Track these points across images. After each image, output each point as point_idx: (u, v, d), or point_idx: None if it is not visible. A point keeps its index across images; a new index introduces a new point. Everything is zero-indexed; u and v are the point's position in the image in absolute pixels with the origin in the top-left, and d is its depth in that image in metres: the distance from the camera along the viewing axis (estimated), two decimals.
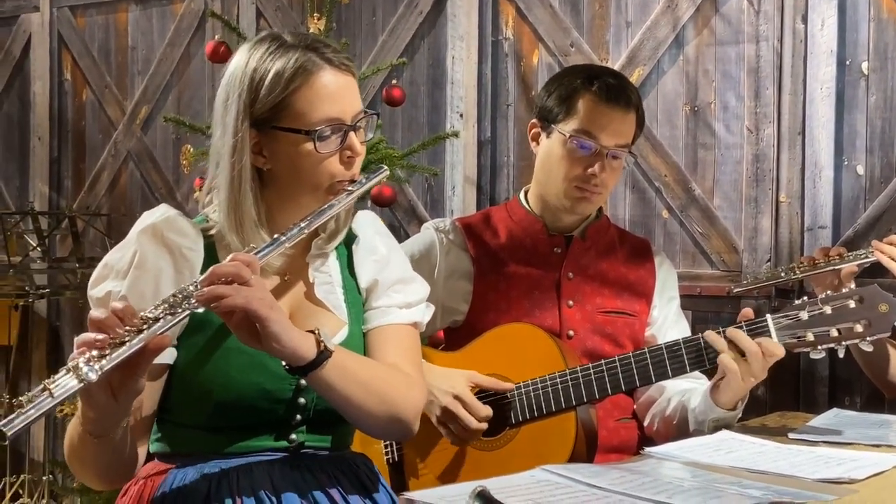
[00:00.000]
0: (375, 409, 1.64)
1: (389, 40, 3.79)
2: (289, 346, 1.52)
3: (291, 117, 1.65)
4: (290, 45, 1.67)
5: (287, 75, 1.64)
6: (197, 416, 1.67)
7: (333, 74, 1.66)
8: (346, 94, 1.68)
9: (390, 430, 1.73)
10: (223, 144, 1.67)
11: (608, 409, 2.27)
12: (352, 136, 1.68)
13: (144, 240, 1.66)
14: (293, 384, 1.66)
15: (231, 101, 1.67)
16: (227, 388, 1.63)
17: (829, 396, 3.00)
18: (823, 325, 1.93)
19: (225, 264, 1.50)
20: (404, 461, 2.21)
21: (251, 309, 1.47)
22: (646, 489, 1.50)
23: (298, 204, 1.70)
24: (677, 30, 3.26)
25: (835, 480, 1.60)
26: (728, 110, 3.19)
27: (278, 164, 1.68)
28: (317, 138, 1.64)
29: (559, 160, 2.28)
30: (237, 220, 1.66)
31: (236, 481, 1.63)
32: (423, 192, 3.77)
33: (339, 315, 1.74)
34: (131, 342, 1.39)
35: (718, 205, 3.22)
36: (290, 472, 1.67)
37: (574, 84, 2.28)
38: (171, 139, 4.37)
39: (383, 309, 1.78)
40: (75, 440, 1.55)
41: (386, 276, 1.80)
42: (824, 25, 3.02)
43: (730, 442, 1.90)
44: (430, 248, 2.39)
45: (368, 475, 1.77)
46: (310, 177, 1.67)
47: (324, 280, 1.75)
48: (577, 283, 2.33)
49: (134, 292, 1.62)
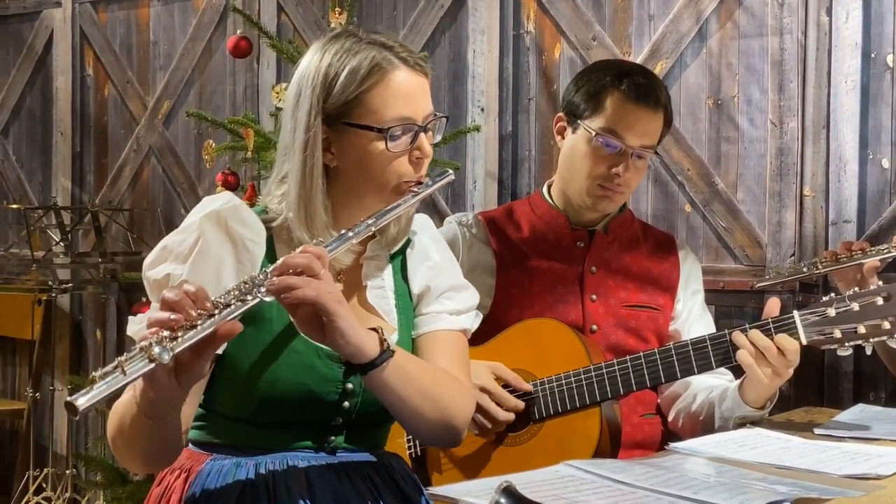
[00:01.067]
0: (429, 414, 1.63)
1: (410, 35, 3.78)
2: (353, 343, 1.51)
3: (364, 114, 1.64)
4: (365, 43, 1.67)
5: (363, 72, 1.63)
6: (239, 409, 1.66)
7: (408, 74, 1.67)
8: (420, 95, 1.69)
9: (441, 435, 1.71)
10: (294, 140, 1.67)
11: (632, 404, 2.26)
12: (422, 137, 1.68)
13: (208, 226, 1.64)
14: (339, 388, 1.65)
15: (304, 97, 1.66)
16: (273, 386, 1.63)
17: (853, 392, 2.98)
18: (850, 322, 1.92)
19: (297, 255, 1.49)
20: (427, 455, 2.21)
21: (320, 302, 1.47)
22: (671, 485, 1.49)
23: (362, 203, 1.69)
24: (700, 23, 3.24)
25: (861, 476, 1.59)
26: (752, 104, 3.17)
27: (346, 161, 1.67)
28: (388, 137, 1.64)
29: (583, 157, 2.26)
30: (307, 216, 1.66)
31: (272, 481, 1.62)
32: (444, 186, 3.75)
33: (389, 321, 1.73)
34: (203, 325, 1.39)
35: (742, 199, 3.20)
36: (327, 476, 1.66)
37: (603, 81, 2.26)
38: (193, 134, 4.38)
39: (434, 315, 1.77)
40: (126, 420, 1.53)
41: (438, 283, 1.78)
42: (849, 18, 2.99)
43: (755, 437, 1.89)
44: (453, 242, 2.38)
45: (404, 477, 1.75)
46: (378, 175, 1.66)
47: (376, 284, 1.75)
48: (600, 278, 2.32)
49: (195, 277, 1.60)
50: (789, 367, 1.93)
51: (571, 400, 2.11)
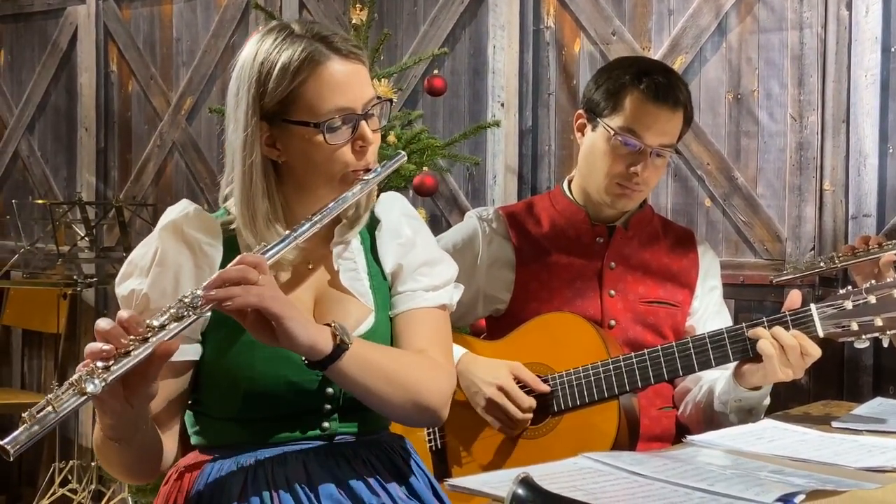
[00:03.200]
0: (399, 399, 1.64)
1: (431, 30, 3.81)
2: (305, 342, 1.52)
3: (301, 110, 1.63)
4: (296, 36, 1.64)
5: (293, 67, 1.62)
6: (228, 409, 1.68)
7: (341, 63, 1.64)
8: (355, 83, 1.66)
9: (416, 418, 1.72)
10: (235, 139, 1.67)
11: (650, 397, 2.28)
12: (363, 125, 1.66)
13: (165, 236, 1.67)
14: (319, 375, 1.65)
15: (241, 95, 1.66)
16: (254, 381, 1.64)
17: (872, 385, 2.98)
18: (868, 315, 1.93)
19: (231, 268, 1.50)
20: (447, 448, 2.24)
21: (264, 307, 1.48)
22: (688, 477, 1.51)
23: (316, 195, 1.69)
24: (720, 17, 3.24)
25: (878, 469, 1.60)
26: (771, 98, 3.17)
27: (292, 156, 1.67)
28: (326, 130, 1.63)
29: (602, 155, 2.27)
30: (250, 216, 1.66)
31: (271, 473, 1.64)
32: (464, 181, 3.79)
33: (365, 302, 1.73)
34: (136, 352, 1.40)
35: (761, 193, 3.20)
36: (325, 462, 1.67)
37: (623, 79, 2.27)
38: (216, 130, 4.42)
39: (409, 293, 1.76)
40: (99, 442, 1.57)
41: (411, 259, 1.78)
42: (869, 12, 2.99)
43: (772, 430, 1.90)
44: (473, 236, 2.41)
45: (402, 456, 1.76)
46: (324, 168, 1.66)
47: (348, 267, 1.75)
48: (619, 273, 2.34)
49: (155, 290, 1.63)
50: (804, 367, 1.95)
51: (590, 393, 2.13)
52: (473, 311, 2.39)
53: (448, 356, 1.78)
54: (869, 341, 1.94)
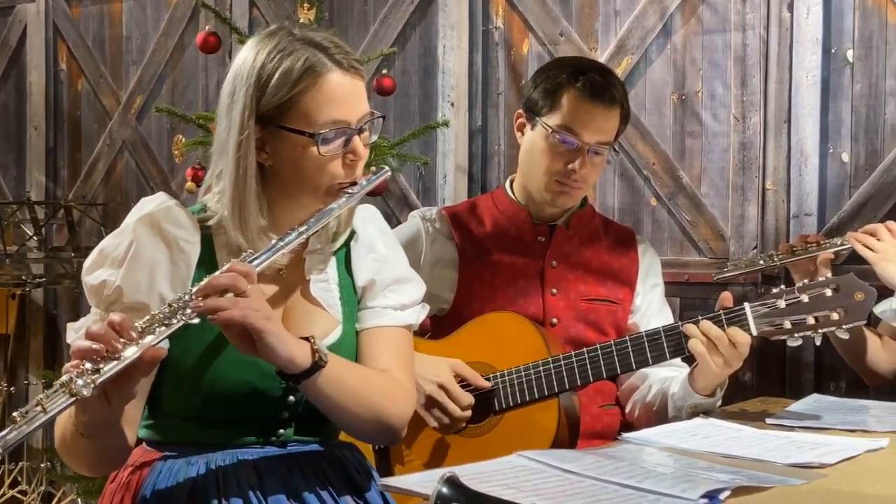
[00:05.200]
0: (364, 417, 1.66)
1: (381, 30, 3.81)
2: (284, 356, 1.54)
3: (297, 117, 1.64)
4: (300, 43, 1.65)
5: (295, 75, 1.63)
6: (186, 408, 1.68)
7: (342, 76, 1.66)
8: (353, 98, 1.67)
9: (378, 437, 1.76)
10: (228, 139, 1.66)
11: (591, 395, 2.31)
12: (356, 140, 1.68)
13: (141, 229, 1.66)
14: (283, 384, 1.66)
15: (238, 96, 1.65)
16: (217, 383, 1.65)
17: (814, 382, 3.03)
18: (800, 314, 1.96)
19: (222, 275, 1.51)
20: (390, 448, 2.24)
21: (247, 322, 1.50)
22: (618, 474, 1.53)
23: (299, 201, 1.70)
24: (665, 19, 3.28)
25: (805, 465, 1.63)
26: (715, 99, 3.21)
27: (281, 162, 1.67)
28: (320, 141, 1.63)
29: (541, 153, 2.30)
30: (242, 219, 1.66)
31: (223, 477, 1.64)
32: (414, 180, 3.80)
33: (334, 314, 1.75)
34: (126, 354, 1.42)
35: (706, 192, 3.24)
36: (277, 469, 1.68)
37: (560, 78, 2.30)
38: (166, 129, 4.39)
39: (378, 310, 1.78)
40: (66, 436, 1.57)
41: (383, 275, 1.79)
42: (810, 14, 3.03)
43: (707, 427, 1.93)
44: (416, 236, 2.42)
45: (358, 469, 1.77)
46: (311, 178, 1.67)
47: (320, 278, 1.76)
48: (560, 272, 2.36)
49: (129, 283, 1.63)
50: (740, 358, 1.98)
51: (530, 391, 2.15)
52: None
53: (410, 377, 1.79)
54: (801, 339, 1.98)
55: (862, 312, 1.94)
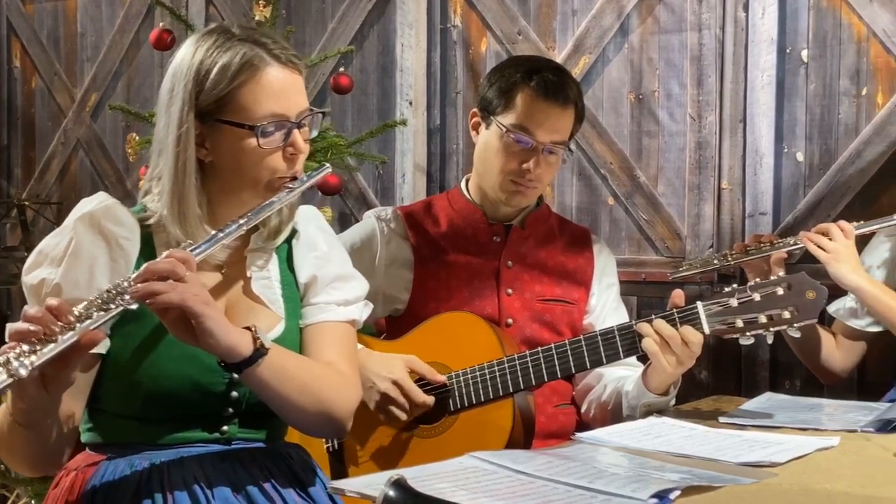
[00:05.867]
0: (309, 408, 1.66)
1: (339, 28, 3.79)
2: (224, 343, 1.53)
3: (236, 111, 1.65)
4: (238, 39, 1.67)
5: (233, 69, 1.65)
6: (128, 407, 1.67)
7: (280, 71, 1.68)
8: (292, 91, 1.69)
9: (323, 428, 1.74)
10: (167, 135, 1.67)
11: (547, 395, 2.30)
12: (295, 134, 1.69)
13: (81, 228, 1.66)
14: (226, 377, 1.67)
15: (176, 92, 1.66)
16: (158, 379, 1.64)
17: (769, 380, 3.05)
18: (752, 312, 1.97)
19: (160, 261, 1.51)
20: (344, 449, 2.23)
21: (186, 305, 1.48)
22: (570, 474, 1.53)
23: (239, 198, 1.70)
24: (622, 18, 3.28)
25: (756, 464, 1.63)
26: (671, 98, 3.23)
27: (220, 157, 1.68)
28: (260, 133, 1.65)
29: (496, 152, 2.30)
30: (181, 213, 1.66)
31: (167, 474, 1.63)
32: (373, 179, 3.78)
33: (276, 310, 1.74)
34: (63, 338, 1.41)
35: (662, 192, 3.25)
36: (221, 466, 1.67)
37: (514, 77, 2.30)
38: (121, 127, 4.34)
39: (321, 306, 1.78)
40: (4, 429, 1.56)
41: (325, 272, 1.80)
42: (765, 14, 3.05)
43: (660, 426, 1.93)
44: (372, 236, 2.41)
45: (303, 467, 1.77)
46: (251, 172, 1.68)
47: (262, 275, 1.76)
48: (516, 272, 2.36)
49: (68, 280, 1.62)
50: (692, 357, 1.98)
51: (485, 391, 2.14)
52: (372, 311, 2.38)
53: (354, 370, 1.79)
54: (754, 338, 1.98)
55: (813, 311, 1.96)
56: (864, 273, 2.35)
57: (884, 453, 1.72)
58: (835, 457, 1.71)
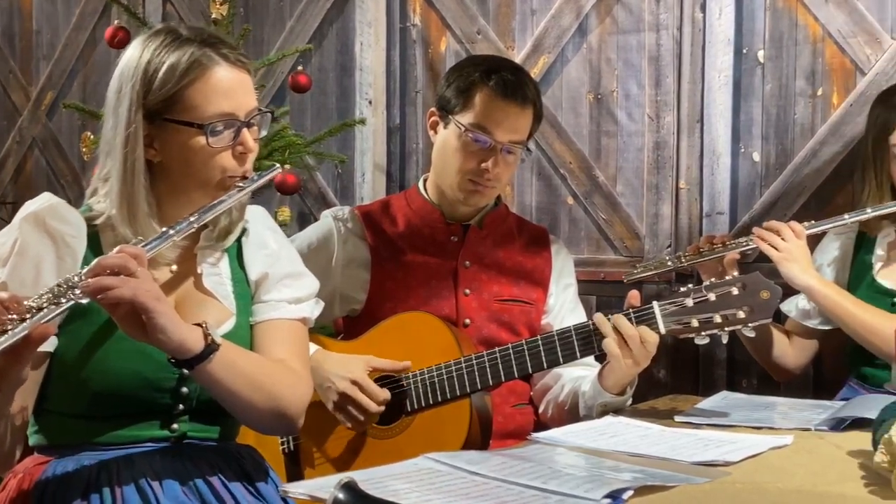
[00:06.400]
0: (260, 405, 1.65)
1: (297, 26, 3.77)
2: (175, 339, 1.52)
3: (184, 110, 1.65)
4: (185, 39, 1.68)
5: (182, 68, 1.65)
6: (76, 406, 1.65)
7: (228, 70, 1.68)
8: (241, 91, 1.70)
9: (275, 425, 1.74)
10: (115, 135, 1.67)
11: (504, 395, 2.30)
12: (245, 133, 1.69)
13: (26, 227, 1.65)
14: (176, 373, 1.66)
15: (124, 92, 1.67)
16: (107, 377, 1.63)
17: (727, 379, 3.07)
18: (708, 312, 1.98)
19: (111, 256, 1.51)
20: (300, 451, 2.22)
21: (137, 301, 1.48)
22: (524, 475, 1.52)
23: (189, 198, 1.70)
24: (580, 18, 3.29)
25: (710, 463, 1.64)
26: (630, 98, 3.23)
27: (169, 157, 1.68)
28: (209, 132, 1.65)
29: (454, 152, 2.29)
30: (130, 213, 1.66)
31: (116, 471, 1.62)
32: (332, 179, 3.76)
33: (227, 305, 1.75)
34: (14, 331, 1.40)
35: (621, 191, 3.26)
36: (171, 461, 1.67)
37: (472, 77, 2.29)
38: (77, 125, 4.29)
39: (272, 303, 1.78)
40: None
41: (276, 270, 1.80)
42: (722, 14, 3.07)
43: (616, 426, 1.94)
44: (329, 236, 2.40)
45: (255, 467, 1.77)
46: (201, 171, 1.68)
47: (213, 272, 1.76)
48: (473, 272, 2.35)
49: (14, 279, 1.62)
50: (647, 357, 1.99)
51: (442, 392, 2.13)
52: (330, 311, 2.37)
53: (306, 366, 1.80)
54: (709, 338, 1.99)
55: (767, 311, 1.97)
56: (814, 273, 2.37)
57: (836, 452, 1.73)
58: (788, 455, 1.72)
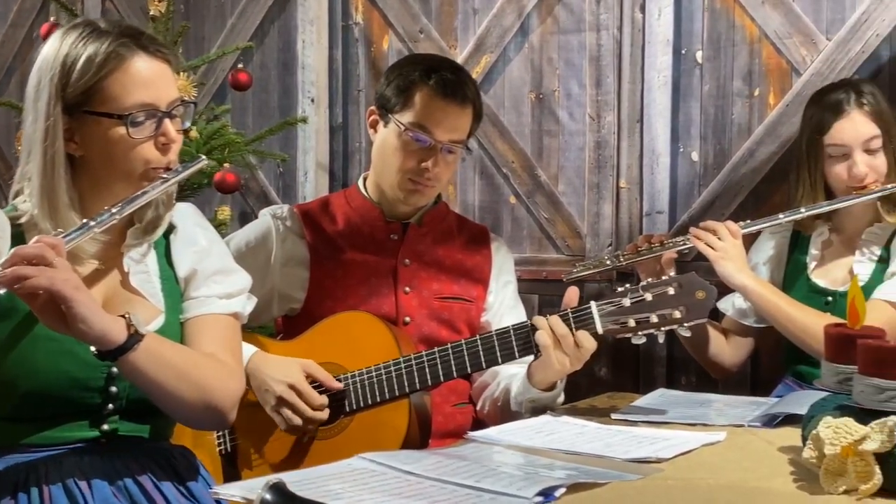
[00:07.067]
0: (189, 397, 1.63)
1: (238, 23, 3.74)
2: (97, 329, 1.50)
3: (103, 102, 1.64)
4: (104, 31, 1.66)
5: (100, 59, 1.63)
6: (3, 408, 1.63)
7: (148, 61, 1.67)
8: (161, 81, 1.68)
9: (205, 418, 1.71)
10: (35, 130, 1.65)
11: (445, 394, 2.30)
12: (167, 123, 1.68)
13: None
14: (104, 372, 1.64)
15: (43, 86, 1.65)
16: (34, 377, 1.60)
17: (666, 377, 3.10)
18: (644, 312, 1.99)
19: (28, 245, 1.49)
20: (238, 452, 2.20)
21: (55, 290, 1.46)
22: (458, 474, 1.52)
23: (111, 191, 1.68)
24: (522, 18, 3.30)
25: (643, 460, 1.65)
26: (571, 98, 3.25)
27: (90, 150, 1.66)
28: (129, 123, 1.64)
29: (394, 151, 2.29)
30: (51, 207, 1.64)
31: (45, 471, 1.60)
32: (275, 177, 3.74)
33: (155, 303, 1.72)
34: None
35: (563, 191, 3.28)
36: (100, 461, 1.64)
37: (412, 76, 2.29)
38: (14, 123, 4.21)
39: (202, 299, 1.76)
40: None
41: (206, 266, 1.78)
42: (661, 15, 3.10)
43: (552, 424, 1.94)
44: (267, 234, 2.38)
45: (186, 467, 1.75)
46: (122, 163, 1.66)
47: (140, 269, 1.73)
48: (413, 270, 2.35)
49: None
50: (581, 360, 2.00)
51: (381, 392, 2.13)
52: (268, 310, 2.36)
53: (238, 360, 1.78)
54: (645, 337, 2.01)
55: (703, 310, 1.99)
56: (750, 272, 2.39)
57: (768, 447, 1.76)
58: (720, 451, 1.74)
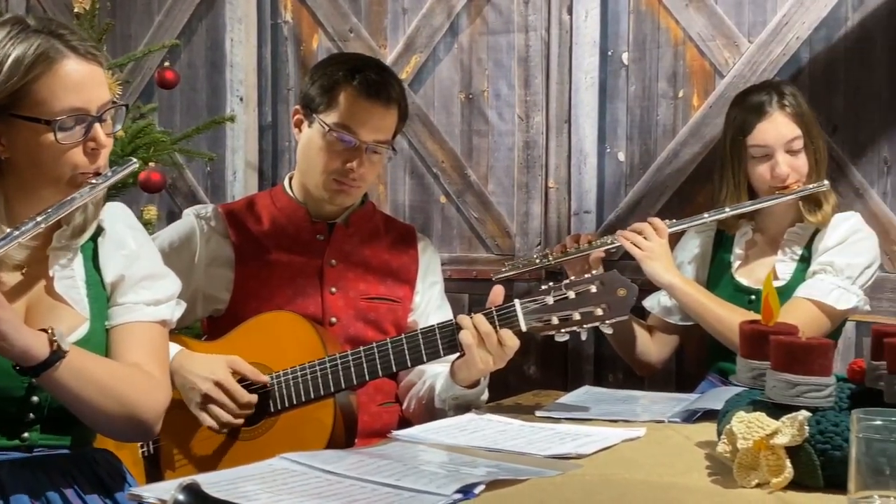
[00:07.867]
0: (112, 411, 1.61)
1: (166, 21, 3.69)
2: (18, 346, 1.47)
3: (31, 105, 1.59)
4: (32, 30, 1.61)
5: (28, 61, 1.58)
6: None
7: (78, 63, 1.62)
8: (92, 84, 1.64)
9: (128, 432, 1.69)
10: None
11: (371, 393, 2.30)
12: (97, 128, 1.64)
13: None
14: (25, 382, 1.60)
15: None
16: None
17: (594, 374, 3.13)
18: (567, 309, 2.01)
19: None
20: (161, 453, 2.18)
21: None
22: (379, 472, 1.53)
23: (39, 196, 1.64)
24: (452, 18, 3.31)
25: (563, 456, 1.67)
26: (500, 98, 3.27)
27: (17, 154, 1.62)
28: (58, 129, 1.59)
29: (319, 151, 2.28)
30: None
31: None
32: (203, 177, 3.70)
33: (80, 310, 1.69)
34: None
35: (492, 190, 3.30)
36: (20, 472, 1.61)
37: (336, 76, 2.28)
38: None
39: (129, 306, 1.73)
40: None
41: (134, 271, 1.75)
42: (588, 17, 3.13)
43: (477, 422, 1.95)
44: (191, 235, 2.36)
45: (110, 473, 1.72)
46: (50, 168, 1.62)
47: (65, 274, 1.69)
48: (340, 270, 2.35)
49: None
50: (504, 358, 2.02)
51: (306, 392, 2.12)
52: (193, 311, 2.33)
53: (164, 371, 1.75)
54: (569, 335, 2.03)
55: (624, 308, 2.01)
56: (676, 271, 2.43)
57: (686, 442, 1.78)
58: (639, 447, 1.77)
